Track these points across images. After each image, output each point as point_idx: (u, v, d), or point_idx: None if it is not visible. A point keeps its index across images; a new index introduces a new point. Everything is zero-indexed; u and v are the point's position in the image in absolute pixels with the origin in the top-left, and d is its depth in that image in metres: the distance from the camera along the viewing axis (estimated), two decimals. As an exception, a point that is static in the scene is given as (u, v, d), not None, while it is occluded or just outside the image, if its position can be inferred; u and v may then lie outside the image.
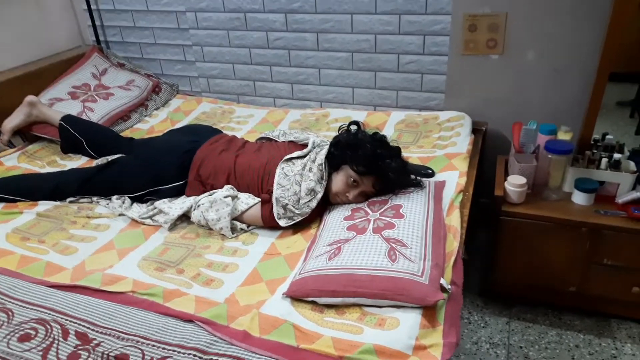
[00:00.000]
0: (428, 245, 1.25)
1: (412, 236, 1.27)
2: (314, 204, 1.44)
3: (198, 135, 1.72)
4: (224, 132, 2.18)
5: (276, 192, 1.44)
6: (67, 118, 2.06)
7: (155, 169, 1.62)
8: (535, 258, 1.73)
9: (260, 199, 1.48)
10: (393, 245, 1.23)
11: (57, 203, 1.71)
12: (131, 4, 2.53)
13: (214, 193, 1.52)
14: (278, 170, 1.49)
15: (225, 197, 1.48)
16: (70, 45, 2.67)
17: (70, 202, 1.71)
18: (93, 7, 2.62)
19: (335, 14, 2.15)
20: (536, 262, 1.74)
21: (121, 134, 2.25)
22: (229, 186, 1.53)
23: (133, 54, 2.69)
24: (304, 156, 1.56)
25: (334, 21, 2.17)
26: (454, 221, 1.42)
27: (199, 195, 1.55)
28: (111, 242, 1.49)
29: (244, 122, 2.29)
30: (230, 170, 1.56)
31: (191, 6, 2.41)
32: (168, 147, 1.66)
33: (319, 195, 1.45)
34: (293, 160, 1.54)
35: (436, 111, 2.14)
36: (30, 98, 2.12)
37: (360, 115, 2.20)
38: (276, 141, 1.76)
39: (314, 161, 1.51)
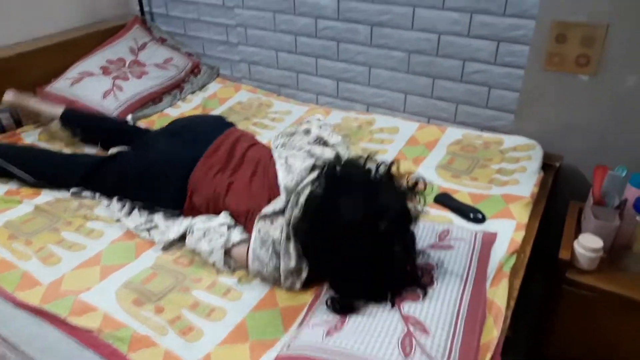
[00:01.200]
0: (457, 334, 0.97)
1: (438, 318, 0.99)
2: (297, 285, 1.16)
3: (199, 139, 1.46)
4: (254, 129, 1.98)
5: (252, 265, 1.18)
6: (66, 116, 1.83)
7: (150, 192, 1.42)
8: (602, 341, 1.39)
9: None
10: (411, 329, 0.96)
11: (58, 195, 1.57)
12: (177, -25, 2.33)
13: (211, 218, 1.31)
14: (254, 233, 1.19)
15: (221, 224, 1.26)
16: (114, 13, 2.53)
17: (73, 193, 1.56)
18: (139, -25, 2.44)
19: (394, 5, 1.83)
20: (602, 348, 1.40)
21: (150, 117, 2.09)
22: (227, 212, 1.31)
23: (176, 28, 2.51)
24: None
25: (393, 14, 1.84)
26: (499, 297, 1.11)
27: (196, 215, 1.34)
28: (99, 255, 1.32)
29: (279, 120, 2.06)
30: (221, 200, 1.33)
31: (238, -17, 2.16)
32: (163, 169, 1.42)
33: (304, 275, 1.15)
34: (271, 218, 1.18)
35: (501, 134, 1.79)
36: (7, 97, 1.88)
37: (410, 126, 1.90)
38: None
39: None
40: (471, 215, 1.41)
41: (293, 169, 1.22)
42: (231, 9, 2.25)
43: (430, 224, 1.33)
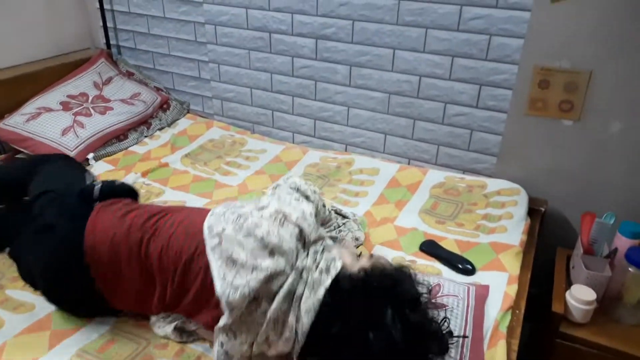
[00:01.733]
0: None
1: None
2: None
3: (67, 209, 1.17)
4: (227, 168, 1.87)
5: None
6: None
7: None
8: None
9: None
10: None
11: None
12: (147, 8, 2.24)
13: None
14: (216, 348, 0.96)
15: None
16: (78, 46, 2.40)
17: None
18: (107, 6, 2.34)
19: (374, 47, 1.79)
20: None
21: (113, 155, 1.95)
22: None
23: (145, 62, 2.40)
24: None
25: (372, 55, 1.81)
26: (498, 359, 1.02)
27: None
28: (49, 315, 1.16)
29: (254, 159, 1.96)
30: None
31: (211, 18, 2.09)
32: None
33: None
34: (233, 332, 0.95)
35: (484, 177, 1.74)
36: None
37: (391, 168, 1.83)
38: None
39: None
40: (460, 266, 1.33)
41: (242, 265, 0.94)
42: (204, 44, 2.17)
43: (423, 276, 1.23)
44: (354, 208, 1.62)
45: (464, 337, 1.00)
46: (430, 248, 1.41)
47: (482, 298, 1.18)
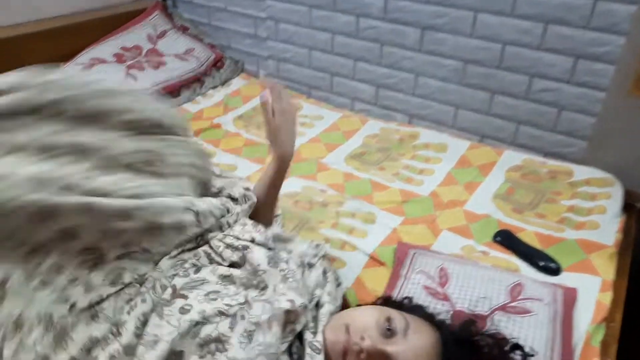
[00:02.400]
0: None
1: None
2: None
3: None
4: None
5: None
6: None
7: None
8: None
9: None
10: None
11: None
12: (205, -42, 2.10)
13: None
14: None
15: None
16: (132, -3, 2.30)
17: None
18: (163, -45, 2.22)
19: (452, 8, 1.59)
20: None
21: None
22: None
23: (200, 17, 2.28)
24: None
25: (450, 17, 1.60)
26: (593, 384, 0.87)
27: None
28: None
29: (309, 125, 1.82)
30: None
31: (273, -30, 1.93)
32: None
33: None
34: None
35: (570, 163, 1.54)
36: None
37: (460, 145, 1.66)
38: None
39: None
40: (541, 264, 1.17)
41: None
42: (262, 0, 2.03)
43: (496, 273, 1.09)
44: (418, 187, 1.47)
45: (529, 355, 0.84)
46: (506, 240, 1.25)
47: (571, 305, 1.02)
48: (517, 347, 0.82)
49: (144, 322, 0.71)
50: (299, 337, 0.78)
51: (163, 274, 0.77)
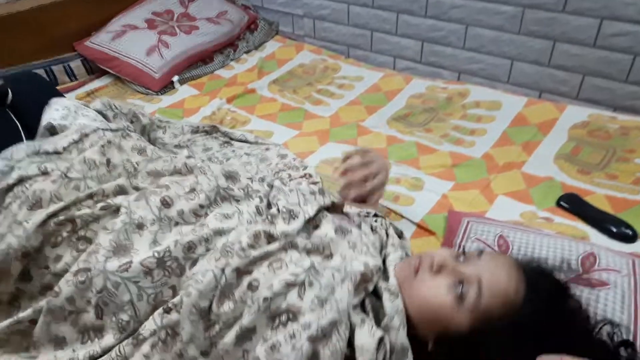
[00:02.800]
0: None
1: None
2: None
3: None
4: (318, 97, 1.64)
5: None
6: None
7: None
8: None
9: None
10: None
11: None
12: None
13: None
14: None
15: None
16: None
17: None
18: None
19: (509, -56, 1.41)
20: None
21: (199, 79, 1.81)
22: None
23: (232, -23, 2.18)
24: None
25: (505, -45, 1.43)
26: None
27: None
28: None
29: (349, 87, 1.71)
30: None
31: None
32: None
33: None
34: None
35: (645, 118, 1.36)
36: None
37: (516, 102, 1.50)
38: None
39: None
40: (614, 230, 1.03)
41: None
42: (296, -48, 1.89)
43: (564, 240, 0.96)
44: (469, 149, 1.34)
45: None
46: (572, 204, 1.12)
47: (653, 275, 0.88)
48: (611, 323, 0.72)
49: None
50: (374, 292, 0.74)
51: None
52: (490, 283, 0.69)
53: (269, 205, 0.85)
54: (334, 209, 0.88)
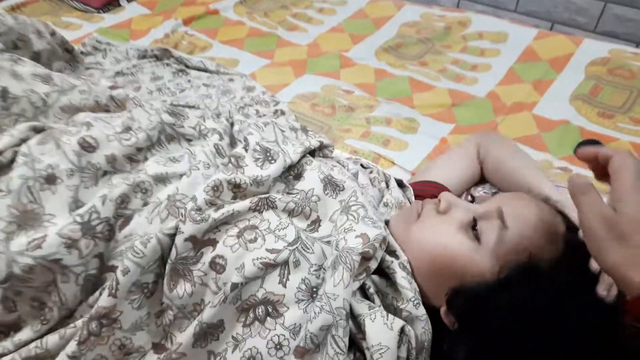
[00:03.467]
0: None
1: None
2: None
3: None
4: (294, 22, 1.39)
5: None
6: None
7: None
8: None
9: None
10: None
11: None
12: None
13: None
14: None
15: None
16: None
17: None
18: None
19: None
20: None
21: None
22: None
23: None
24: None
25: None
26: None
27: None
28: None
29: (330, 12, 1.48)
30: None
31: None
32: None
33: None
34: None
35: (674, 54, 1.17)
36: None
37: (525, 33, 1.31)
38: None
39: None
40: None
41: None
42: None
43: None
44: (472, 86, 1.16)
45: None
46: None
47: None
48: None
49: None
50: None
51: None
52: (515, 212, 0.52)
53: (232, 144, 0.64)
54: (320, 154, 0.67)
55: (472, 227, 0.53)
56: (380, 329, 0.47)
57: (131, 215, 0.54)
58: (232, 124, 0.69)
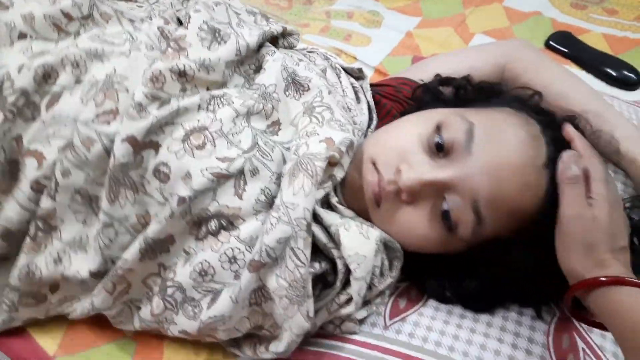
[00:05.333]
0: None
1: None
2: None
3: None
4: None
5: None
6: None
7: None
8: None
9: None
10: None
11: None
12: None
13: None
14: None
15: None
16: None
17: None
18: None
19: None
20: None
21: None
22: None
23: None
24: None
25: None
26: None
27: None
28: None
29: None
30: None
31: None
32: None
33: None
34: None
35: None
36: None
37: None
38: None
39: None
40: (614, 74, 0.86)
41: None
42: None
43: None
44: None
45: None
46: (565, 44, 0.93)
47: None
48: None
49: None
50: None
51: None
52: (490, 196, 0.44)
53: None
54: (285, 42, 0.58)
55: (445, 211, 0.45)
56: (356, 238, 0.44)
57: (60, 92, 0.46)
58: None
